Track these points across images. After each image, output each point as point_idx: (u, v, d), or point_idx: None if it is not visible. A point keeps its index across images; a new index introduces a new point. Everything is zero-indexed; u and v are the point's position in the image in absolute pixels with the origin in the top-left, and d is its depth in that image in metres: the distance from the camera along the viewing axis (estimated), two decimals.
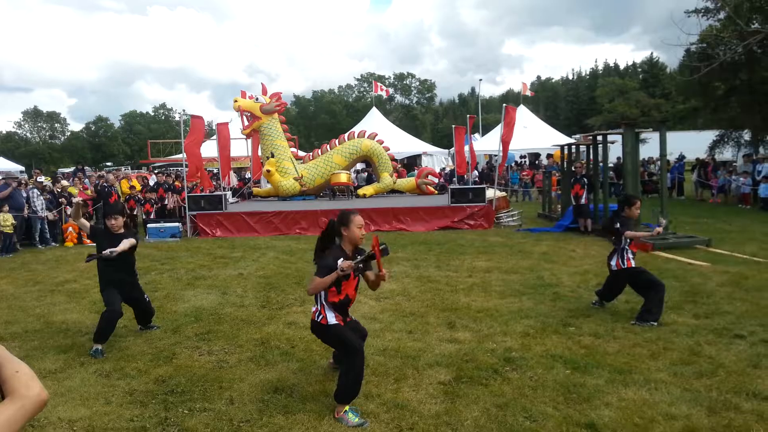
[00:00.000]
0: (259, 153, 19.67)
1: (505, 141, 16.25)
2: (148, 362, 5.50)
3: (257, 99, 18.67)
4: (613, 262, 6.74)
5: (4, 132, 78.22)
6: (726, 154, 29.59)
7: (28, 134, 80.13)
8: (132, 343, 6.10)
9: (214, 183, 20.70)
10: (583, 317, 6.64)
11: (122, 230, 6.28)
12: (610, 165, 18.42)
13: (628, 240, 6.62)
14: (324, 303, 4.43)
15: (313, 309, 4.54)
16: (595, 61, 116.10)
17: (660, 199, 13.18)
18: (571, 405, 4.34)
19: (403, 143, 33.65)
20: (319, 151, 19.64)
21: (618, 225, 6.67)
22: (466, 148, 21.73)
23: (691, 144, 31.57)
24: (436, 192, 19.86)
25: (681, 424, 3.97)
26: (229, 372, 5.20)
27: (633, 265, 6.63)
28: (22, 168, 37.47)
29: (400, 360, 5.37)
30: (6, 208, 13.22)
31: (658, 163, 25.62)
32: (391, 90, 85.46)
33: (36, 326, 6.91)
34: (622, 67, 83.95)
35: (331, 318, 4.41)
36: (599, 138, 14.56)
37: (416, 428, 4.05)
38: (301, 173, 18.42)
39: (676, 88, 38.03)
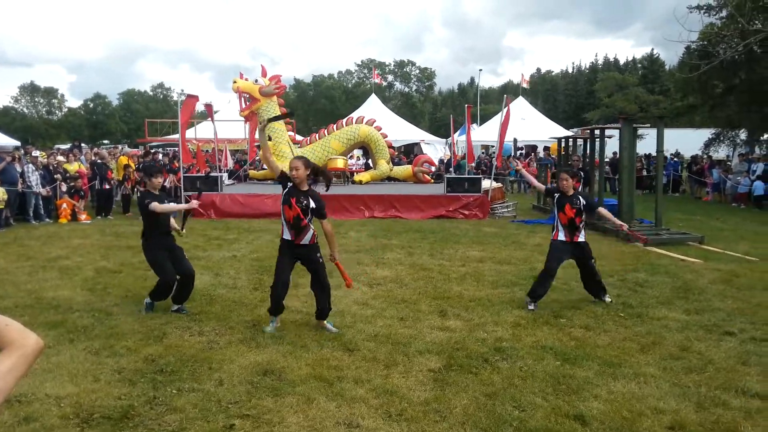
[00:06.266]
0: (256, 135, 19.55)
1: (502, 132, 16.25)
2: (138, 341, 5.49)
3: (257, 81, 18.54)
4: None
5: (1, 106, 77.60)
6: (721, 152, 29.64)
7: (24, 109, 79.50)
8: (122, 321, 6.07)
9: (208, 164, 20.61)
10: (575, 309, 6.65)
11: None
12: (606, 159, 18.42)
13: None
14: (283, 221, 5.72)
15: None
16: (595, 56, 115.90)
17: (655, 195, 13.19)
18: (560, 396, 4.35)
19: (401, 131, 33.58)
20: (317, 135, 19.54)
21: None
22: (464, 137, 21.71)
23: (687, 141, 31.56)
24: (432, 180, 19.84)
25: (669, 419, 3.99)
26: (219, 353, 5.19)
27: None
28: (18, 143, 37.17)
29: (390, 346, 5.38)
30: None
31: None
32: (390, 77, 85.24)
33: (27, 301, 6.88)
34: (622, 62, 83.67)
35: (286, 234, 5.71)
36: (597, 132, 14.54)
37: (405, 414, 4.05)
38: None
39: (675, 84, 37.96)
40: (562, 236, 6.81)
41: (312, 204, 5.69)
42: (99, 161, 16.35)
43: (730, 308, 6.75)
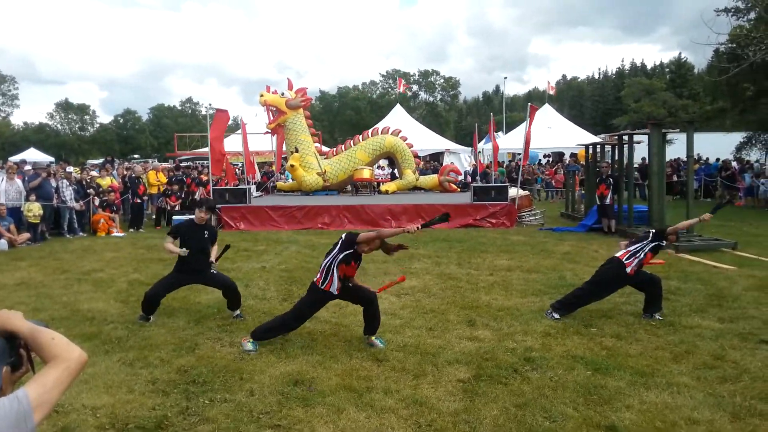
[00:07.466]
0: (284, 148, 19.78)
1: (526, 140, 16.23)
2: (170, 352, 5.58)
3: (283, 94, 18.77)
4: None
5: (36, 123, 79.46)
6: (753, 156, 29.07)
7: (58, 126, 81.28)
8: (155, 333, 6.18)
9: (237, 177, 20.88)
10: (605, 318, 6.58)
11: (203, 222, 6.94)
12: (635, 165, 18.20)
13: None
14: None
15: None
16: (622, 61, 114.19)
17: (686, 200, 12.99)
18: (591, 406, 4.31)
19: (426, 140, 33.63)
20: (343, 146, 19.68)
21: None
22: (490, 145, 21.68)
23: (717, 146, 31.03)
24: (459, 189, 19.81)
25: (704, 429, 3.92)
26: (249, 364, 5.25)
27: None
28: (52, 159, 38.12)
29: (419, 356, 5.38)
30: (33, 197, 13.47)
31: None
32: (414, 87, 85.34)
33: (63, 314, 7.04)
34: (649, 67, 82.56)
35: (333, 288, 5.59)
36: (625, 138, 14.39)
37: (435, 425, 4.05)
38: (325, 168, 18.49)
39: (704, 88, 37.35)
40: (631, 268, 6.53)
41: (360, 260, 5.73)
42: (132, 175, 16.68)
43: (766, 316, 6.61)
